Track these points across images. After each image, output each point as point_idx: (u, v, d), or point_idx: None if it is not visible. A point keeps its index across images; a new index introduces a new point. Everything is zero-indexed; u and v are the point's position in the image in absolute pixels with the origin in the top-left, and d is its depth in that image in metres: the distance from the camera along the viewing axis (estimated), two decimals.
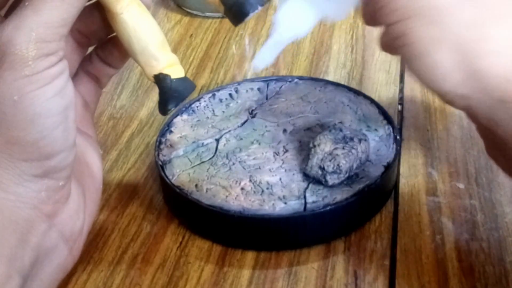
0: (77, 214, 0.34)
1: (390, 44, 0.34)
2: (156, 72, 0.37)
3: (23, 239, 0.30)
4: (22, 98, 0.29)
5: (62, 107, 0.30)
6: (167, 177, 0.41)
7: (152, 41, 0.36)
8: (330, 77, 0.55)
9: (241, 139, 0.44)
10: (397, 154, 0.42)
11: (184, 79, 0.38)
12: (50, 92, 0.30)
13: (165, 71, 0.37)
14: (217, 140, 0.44)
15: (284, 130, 0.45)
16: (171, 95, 0.37)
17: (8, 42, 0.28)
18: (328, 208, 0.38)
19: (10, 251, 0.29)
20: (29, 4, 0.29)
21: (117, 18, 0.35)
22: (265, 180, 0.40)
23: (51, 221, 0.32)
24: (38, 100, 0.29)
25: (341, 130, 0.41)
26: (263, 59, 0.40)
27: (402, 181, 0.44)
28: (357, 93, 0.48)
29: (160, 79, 0.37)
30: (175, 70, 0.37)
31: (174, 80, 0.37)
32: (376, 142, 0.43)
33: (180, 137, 0.45)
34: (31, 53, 0.29)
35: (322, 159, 0.39)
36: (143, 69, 0.37)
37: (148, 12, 0.36)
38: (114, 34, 0.37)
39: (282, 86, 0.50)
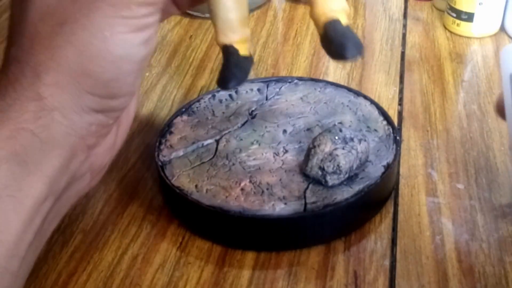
0: (109, 149, 0.35)
1: None
2: (228, 43, 0.37)
3: (65, 165, 0.31)
4: (113, 37, 0.30)
5: (143, 56, 0.31)
6: (167, 177, 0.41)
7: (237, 14, 0.37)
8: (329, 78, 0.55)
9: (241, 139, 0.44)
10: (397, 155, 0.42)
11: (248, 58, 0.39)
12: (138, 39, 0.31)
13: (235, 45, 0.37)
14: (217, 141, 0.44)
15: (284, 131, 0.45)
16: (234, 72, 0.38)
17: None
18: (328, 208, 0.38)
19: (53, 173, 0.30)
20: None
21: None
22: (265, 181, 0.40)
23: (89, 152, 0.33)
24: (126, 43, 0.30)
25: (341, 131, 0.41)
26: None
27: (402, 182, 0.44)
28: (357, 93, 0.48)
29: (228, 51, 0.38)
30: (243, 47, 0.38)
31: (241, 57, 0.38)
32: (376, 143, 0.43)
33: (180, 137, 0.45)
34: None
35: (322, 160, 0.39)
36: (217, 34, 0.38)
37: None
38: None
39: (282, 86, 0.50)
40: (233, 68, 0.38)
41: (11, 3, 0.33)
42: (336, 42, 0.35)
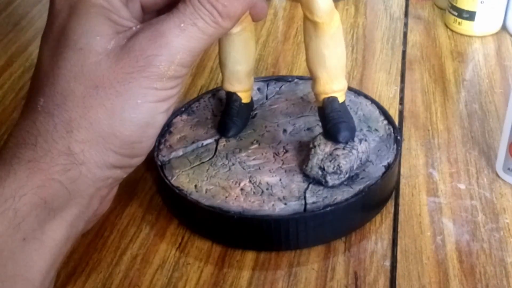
0: (110, 199, 0.37)
1: None
2: (232, 90, 0.42)
3: (83, 212, 0.33)
4: (143, 104, 0.32)
5: (163, 121, 0.34)
6: (166, 177, 0.41)
7: (244, 66, 0.41)
8: None
9: (241, 139, 0.44)
10: (398, 155, 0.42)
11: (249, 104, 0.44)
12: (163, 107, 0.34)
13: (239, 93, 0.42)
14: (217, 141, 0.44)
15: (284, 131, 0.45)
16: (235, 121, 0.43)
17: (156, 57, 0.32)
18: (328, 208, 0.38)
19: (72, 219, 0.32)
20: (185, 28, 0.32)
21: (226, 36, 0.40)
22: (265, 181, 0.40)
23: (101, 201, 0.35)
24: (153, 111, 0.33)
25: None
26: None
27: (403, 182, 0.44)
28: (358, 93, 0.48)
29: (232, 98, 0.43)
30: (246, 96, 0.43)
31: (243, 105, 0.43)
32: (377, 142, 0.43)
33: (180, 137, 0.45)
34: (169, 73, 0.32)
35: (322, 160, 0.39)
36: (224, 81, 0.42)
37: (254, 40, 0.42)
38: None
39: (282, 86, 0.49)
40: (234, 116, 0.43)
41: (39, 53, 0.34)
42: (331, 122, 0.39)
